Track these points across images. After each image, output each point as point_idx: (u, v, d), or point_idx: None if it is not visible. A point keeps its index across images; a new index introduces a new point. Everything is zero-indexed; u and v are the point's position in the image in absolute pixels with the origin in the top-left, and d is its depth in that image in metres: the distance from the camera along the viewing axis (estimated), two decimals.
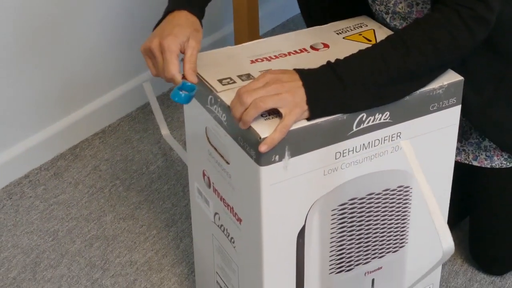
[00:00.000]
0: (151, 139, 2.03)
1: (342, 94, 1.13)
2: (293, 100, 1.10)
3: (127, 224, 1.75)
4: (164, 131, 1.94)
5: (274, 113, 1.12)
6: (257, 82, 1.12)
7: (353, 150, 1.18)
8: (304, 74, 1.14)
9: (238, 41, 2.21)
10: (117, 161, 1.96)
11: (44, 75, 1.88)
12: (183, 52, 1.19)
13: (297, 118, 1.10)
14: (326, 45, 1.32)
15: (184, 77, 1.18)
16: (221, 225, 1.30)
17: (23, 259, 1.66)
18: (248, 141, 1.12)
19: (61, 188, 1.87)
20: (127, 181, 1.89)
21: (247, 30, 2.18)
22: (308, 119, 1.12)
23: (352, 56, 1.17)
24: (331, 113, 1.13)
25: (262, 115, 1.12)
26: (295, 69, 1.15)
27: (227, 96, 1.16)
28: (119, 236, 1.72)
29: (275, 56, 1.29)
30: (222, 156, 1.22)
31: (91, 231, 1.73)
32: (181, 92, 1.16)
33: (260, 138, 1.09)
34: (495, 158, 1.48)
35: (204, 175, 1.31)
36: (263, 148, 1.08)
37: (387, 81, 1.15)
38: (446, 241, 1.10)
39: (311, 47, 1.31)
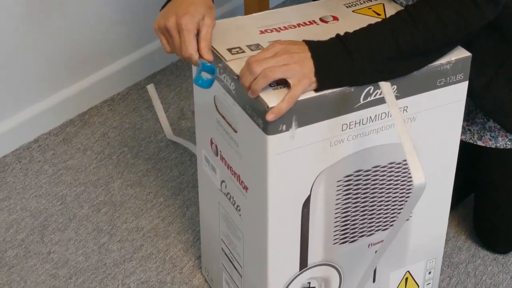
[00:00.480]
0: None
1: (350, 67, 1.14)
2: (301, 71, 1.12)
3: (134, 191, 1.78)
4: (168, 132, 1.95)
5: (282, 83, 1.14)
6: (266, 52, 1.14)
7: (359, 123, 1.20)
8: (313, 46, 1.16)
9: (248, 13, 2.22)
10: (125, 128, 1.98)
11: (54, 41, 1.90)
12: (198, 30, 1.21)
13: (304, 89, 1.12)
14: (335, 18, 1.33)
15: (200, 55, 1.20)
16: (228, 193, 1.32)
17: (31, 222, 1.69)
18: (256, 110, 1.14)
19: (69, 153, 1.89)
20: (135, 148, 1.91)
21: (257, 2, 2.19)
22: (316, 90, 1.14)
23: (361, 30, 1.18)
24: (338, 85, 1.15)
25: (270, 85, 1.14)
26: (304, 41, 1.17)
27: (236, 65, 1.18)
28: (126, 203, 1.75)
29: (284, 27, 1.30)
30: (230, 125, 1.24)
31: (99, 196, 1.76)
32: (203, 77, 1.18)
33: (267, 107, 1.11)
34: (500, 138, 1.49)
35: (212, 143, 1.33)
36: (270, 117, 1.10)
37: (395, 56, 1.17)
38: (417, 177, 1.11)
39: (321, 19, 1.33)
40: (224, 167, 1.31)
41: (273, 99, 1.11)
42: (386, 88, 1.18)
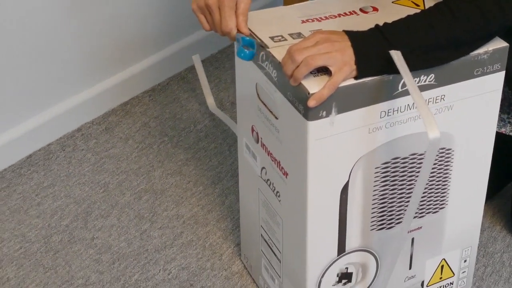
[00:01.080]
0: (199, 99, 2.10)
1: (389, 55, 1.18)
2: (342, 59, 1.16)
3: (174, 180, 1.83)
4: (210, 102, 2.01)
5: (323, 70, 1.18)
6: (307, 41, 1.19)
7: (397, 110, 1.24)
8: (353, 35, 1.20)
9: (287, 4, 2.26)
10: (165, 118, 2.04)
11: (97, 32, 1.96)
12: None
13: (345, 76, 1.17)
14: (375, 9, 1.37)
15: (238, 30, 1.26)
16: (268, 180, 1.37)
17: (75, 209, 1.75)
18: (297, 97, 1.18)
19: (112, 142, 1.95)
20: (175, 138, 1.97)
21: None
22: (356, 78, 1.18)
23: (400, 20, 1.22)
24: (377, 73, 1.19)
25: (311, 72, 1.18)
26: (344, 31, 1.21)
27: (278, 52, 1.22)
28: (167, 191, 1.80)
29: (325, 17, 1.34)
30: (271, 112, 1.29)
31: (140, 184, 1.82)
32: (245, 50, 1.24)
33: (309, 93, 1.15)
34: None
35: (252, 130, 1.38)
36: (311, 103, 1.14)
37: (433, 47, 1.21)
38: (432, 131, 1.14)
39: (361, 9, 1.37)
40: (265, 153, 1.35)
41: (314, 86, 1.15)
42: (397, 55, 1.21)
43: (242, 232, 1.58)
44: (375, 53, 1.19)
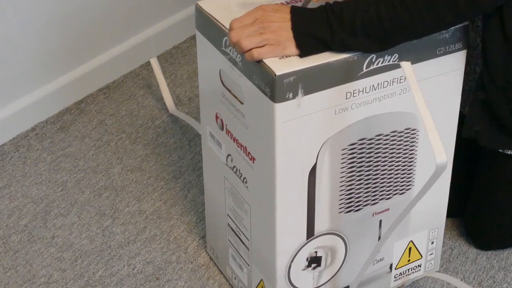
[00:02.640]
0: (156, 95, 2.12)
1: (330, 38, 1.22)
2: (277, 40, 1.22)
3: (134, 176, 1.85)
4: (170, 104, 2.04)
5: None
6: (247, 17, 1.25)
7: (363, 91, 1.28)
8: (296, 15, 1.24)
9: None
10: (122, 116, 2.05)
11: (48, 30, 1.97)
12: None
13: (275, 54, 1.22)
14: None
15: None
16: (234, 167, 1.40)
17: (33, 208, 1.76)
18: (264, 80, 1.21)
19: (67, 141, 1.96)
20: (133, 135, 1.99)
21: None
22: (300, 55, 1.23)
23: (349, 1, 1.24)
24: (318, 51, 1.24)
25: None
26: (291, 7, 1.25)
27: None
28: (127, 187, 1.82)
29: (286, 2, 1.38)
30: (236, 97, 1.32)
31: (100, 182, 1.83)
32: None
33: (275, 75, 1.19)
34: None
35: (217, 118, 1.41)
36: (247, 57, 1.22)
37: (377, 31, 1.23)
38: (440, 156, 1.19)
39: None
40: (230, 140, 1.38)
41: (280, 67, 1.19)
42: (407, 68, 1.26)
43: (207, 223, 1.61)
44: (315, 35, 1.23)
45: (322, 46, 1.24)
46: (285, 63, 1.21)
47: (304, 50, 1.23)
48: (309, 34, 1.23)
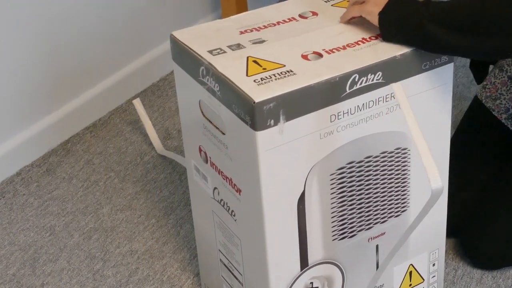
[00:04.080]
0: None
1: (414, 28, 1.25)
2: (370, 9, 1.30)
3: (124, 215, 1.83)
4: (157, 145, 2.03)
5: (268, 78, 1.21)
6: None
7: (347, 112, 1.27)
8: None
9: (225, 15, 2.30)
10: (110, 153, 2.04)
11: (29, 69, 1.97)
12: None
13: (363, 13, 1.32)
14: (314, 13, 1.40)
15: None
16: (221, 200, 1.38)
17: (21, 256, 1.74)
18: (243, 108, 1.20)
19: (54, 184, 1.95)
20: (122, 172, 1.97)
21: (235, 12, 2.27)
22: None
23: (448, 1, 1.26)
24: (398, 40, 1.28)
25: (254, 81, 1.20)
26: None
27: (219, 63, 1.25)
28: (117, 227, 1.80)
29: (264, 26, 1.37)
30: (217, 128, 1.30)
31: (89, 224, 1.82)
32: None
33: (254, 102, 1.17)
34: None
35: (200, 150, 1.40)
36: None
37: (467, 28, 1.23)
38: (435, 181, 1.17)
39: (300, 15, 1.40)
40: (215, 173, 1.37)
41: (258, 95, 1.18)
42: (398, 90, 1.25)
43: (200, 260, 1.59)
44: (398, 19, 1.27)
45: (403, 25, 1.26)
46: (264, 89, 1.19)
47: (384, 25, 1.28)
48: (397, 9, 1.27)
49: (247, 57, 1.28)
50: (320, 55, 1.27)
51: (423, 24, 1.25)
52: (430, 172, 1.18)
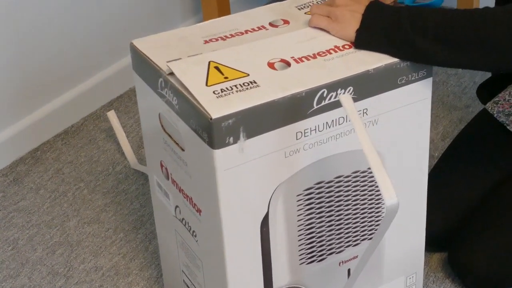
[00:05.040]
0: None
1: (393, 31, 1.22)
2: (341, 30, 1.26)
3: (92, 229, 1.77)
4: (131, 159, 1.96)
5: (229, 89, 1.14)
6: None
7: (315, 129, 1.20)
8: (372, 5, 1.26)
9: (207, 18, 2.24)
10: (81, 162, 1.98)
11: None
12: None
13: (333, 30, 1.27)
14: (286, 22, 1.34)
15: None
16: (182, 219, 1.32)
17: None
18: (201, 124, 1.14)
19: (21, 194, 1.89)
20: (92, 183, 1.91)
21: (217, 15, 2.21)
22: (354, 46, 1.24)
23: (429, 9, 1.24)
24: (374, 48, 1.23)
25: (214, 92, 1.14)
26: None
27: (177, 69, 1.18)
28: (83, 241, 1.74)
29: (230, 35, 1.31)
30: (177, 143, 1.24)
31: (54, 237, 1.75)
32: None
33: (211, 119, 1.11)
34: None
35: (162, 166, 1.33)
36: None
37: (450, 39, 1.21)
38: (389, 197, 1.11)
39: (270, 24, 1.34)
40: (176, 190, 1.31)
41: (216, 110, 1.11)
42: (346, 100, 1.18)
43: (165, 280, 1.53)
44: (379, 24, 1.23)
45: (383, 38, 1.22)
46: (224, 102, 1.13)
47: (361, 37, 1.24)
48: (376, 22, 1.23)
49: (209, 62, 1.21)
50: (288, 64, 1.21)
51: (410, 39, 1.21)
52: (383, 188, 1.11)
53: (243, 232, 1.22)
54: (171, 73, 1.20)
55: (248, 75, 1.19)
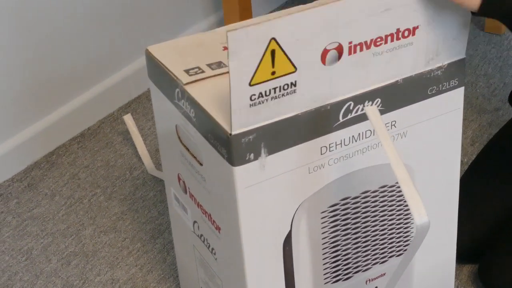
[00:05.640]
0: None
1: None
2: None
3: (108, 238, 1.73)
4: (148, 163, 1.91)
5: (266, 95, 1.08)
6: None
7: (341, 144, 1.15)
8: None
9: (228, 22, 2.19)
10: (97, 167, 1.94)
11: (11, 76, 1.87)
12: None
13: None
14: None
15: None
16: (201, 235, 1.27)
17: None
18: (219, 139, 1.08)
19: (35, 201, 1.85)
20: (109, 189, 1.87)
21: (238, 15, 2.16)
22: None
23: None
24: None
25: (251, 98, 1.07)
26: None
27: (194, 89, 1.13)
28: (99, 252, 1.69)
29: None
30: (194, 157, 1.19)
31: (69, 247, 1.71)
32: None
33: (230, 134, 1.05)
34: None
35: (179, 179, 1.28)
36: None
37: None
38: (419, 214, 1.05)
39: None
40: (195, 205, 1.26)
41: (233, 126, 1.06)
42: (372, 112, 1.12)
43: None
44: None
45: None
46: (249, 115, 1.07)
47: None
48: None
49: (270, 40, 1.03)
50: (340, 54, 1.08)
51: None
52: (413, 206, 1.05)
53: (264, 252, 1.16)
54: (188, 83, 1.15)
55: (296, 70, 1.06)
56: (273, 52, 1.04)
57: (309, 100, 1.09)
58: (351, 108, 1.13)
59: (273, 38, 1.02)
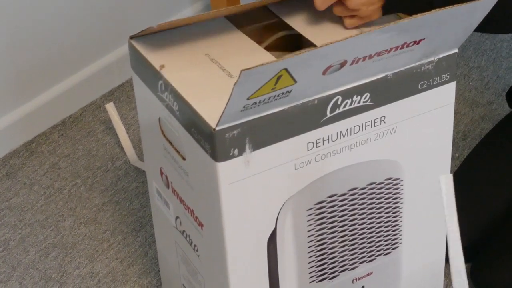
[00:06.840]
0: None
1: None
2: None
3: (88, 230, 1.72)
4: (131, 154, 1.90)
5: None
6: None
7: (328, 139, 1.14)
8: None
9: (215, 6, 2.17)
10: (78, 156, 1.92)
11: None
12: None
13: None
14: None
15: None
16: (183, 231, 1.26)
17: None
18: (202, 133, 1.07)
19: (14, 190, 1.83)
20: (90, 179, 1.85)
21: (225, 1, 2.14)
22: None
23: None
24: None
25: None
26: None
27: (177, 80, 1.12)
28: (79, 244, 1.69)
29: None
30: (177, 151, 1.18)
31: (47, 239, 1.70)
32: None
33: (214, 129, 1.04)
34: None
35: (162, 173, 1.27)
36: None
37: None
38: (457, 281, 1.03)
39: None
40: (177, 200, 1.25)
41: (217, 120, 1.05)
42: (446, 181, 1.08)
43: None
44: None
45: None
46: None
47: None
48: None
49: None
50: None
51: None
52: (456, 280, 1.02)
53: (248, 249, 1.16)
54: (163, 66, 1.14)
55: (295, 83, 1.06)
56: (280, 76, 1.03)
57: (296, 96, 1.09)
58: (339, 102, 1.12)
59: (285, 69, 1.02)
